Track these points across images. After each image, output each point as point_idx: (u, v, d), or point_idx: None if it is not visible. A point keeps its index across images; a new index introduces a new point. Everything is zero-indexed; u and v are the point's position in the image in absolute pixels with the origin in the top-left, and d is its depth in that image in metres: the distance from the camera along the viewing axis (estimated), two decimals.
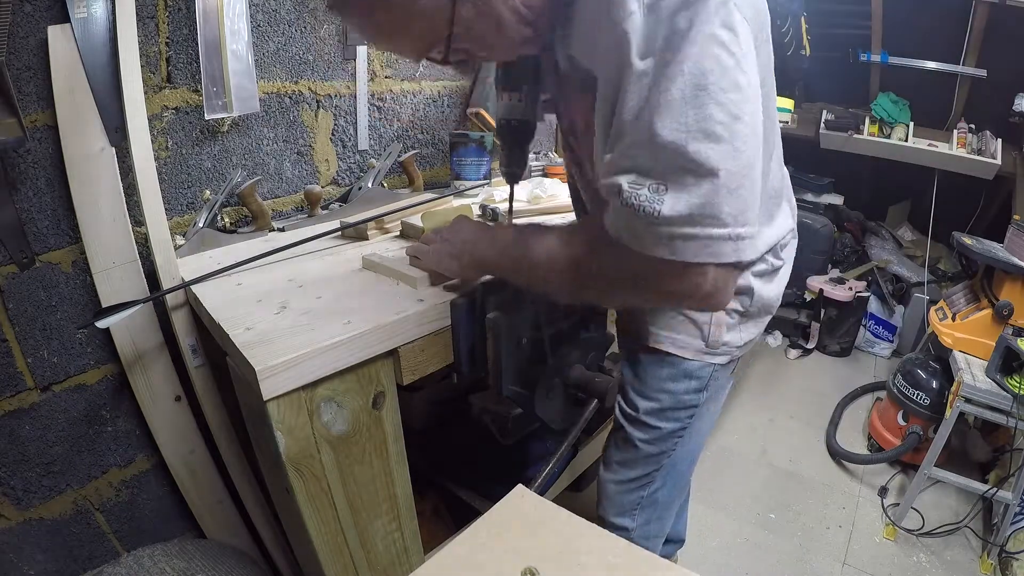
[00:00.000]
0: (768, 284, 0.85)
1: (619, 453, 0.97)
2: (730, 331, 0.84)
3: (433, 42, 0.61)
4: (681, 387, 0.87)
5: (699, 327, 0.84)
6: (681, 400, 0.88)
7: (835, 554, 1.62)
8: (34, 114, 0.90)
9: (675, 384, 0.87)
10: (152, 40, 1.02)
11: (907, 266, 2.76)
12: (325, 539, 0.79)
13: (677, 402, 0.88)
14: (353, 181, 1.43)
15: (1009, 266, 1.64)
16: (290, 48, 1.23)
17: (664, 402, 0.89)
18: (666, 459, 0.93)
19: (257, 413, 0.70)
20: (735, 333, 0.85)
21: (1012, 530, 1.52)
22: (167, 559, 0.88)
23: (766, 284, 0.84)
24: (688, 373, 0.86)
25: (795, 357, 2.74)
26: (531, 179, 1.64)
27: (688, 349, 0.85)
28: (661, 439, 0.91)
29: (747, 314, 0.84)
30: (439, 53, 0.63)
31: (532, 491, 0.54)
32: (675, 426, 0.90)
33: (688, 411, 0.89)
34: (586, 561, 0.46)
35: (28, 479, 0.98)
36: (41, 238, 0.94)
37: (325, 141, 1.36)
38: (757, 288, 0.82)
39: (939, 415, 1.73)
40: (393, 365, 0.80)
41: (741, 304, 0.83)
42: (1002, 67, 2.27)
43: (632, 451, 0.94)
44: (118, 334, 1.00)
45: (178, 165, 1.11)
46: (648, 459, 0.93)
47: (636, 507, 0.98)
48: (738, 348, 0.87)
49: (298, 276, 0.94)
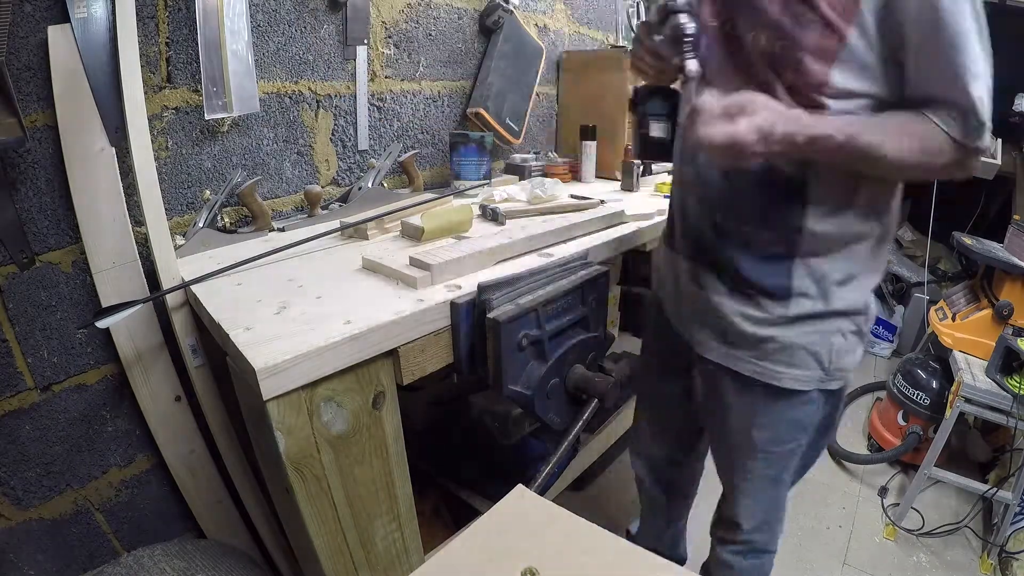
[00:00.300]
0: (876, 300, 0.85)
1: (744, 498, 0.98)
2: (847, 355, 0.83)
3: None
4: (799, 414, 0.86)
5: (819, 359, 0.81)
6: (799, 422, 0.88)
7: (835, 554, 1.62)
8: (34, 114, 0.90)
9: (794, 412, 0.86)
10: (152, 40, 1.02)
11: (907, 266, 2.76)
12: (325, 539, 0.79)
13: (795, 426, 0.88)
14: (353, 181, 1.43)
15: (1009, 266, 1.64)
16: (290, 48, 1.23)
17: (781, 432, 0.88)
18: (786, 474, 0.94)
19: (257, 413, 0.70)
20: (850, 356, 0.83)
21: (1012, 530, 1.52)
22: (167, 559, 0.88)
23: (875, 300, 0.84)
24: (808, 401, 0.85)
25: None
26: (531, 179, 1.64)
27: (809, 382, 0.83)
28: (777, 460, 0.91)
29: (860, 333, 0.83)
30: None
31: (532, 491, 0.54)
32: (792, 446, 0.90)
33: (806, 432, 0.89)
34: (586, 561, 0.46)
35: (28, 479, 0.98)
36: (41, 238, 0.94)
37: (325, 141, 1.36)
38: (872, 305, 0.82)
39: (939, 415, 1.73)
40: (393, 365, 0.80)
41: (856, 324, 0.81)
42: (1002, 67, 2.27)
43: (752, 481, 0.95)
44: (118, 334, 1.00)
45: (178, 165, 1.11)
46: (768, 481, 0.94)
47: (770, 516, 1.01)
48: (850, 371, 0.85)
49: (298, 276, 0.94)
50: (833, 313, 0.79)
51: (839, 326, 0.80)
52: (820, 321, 0.80)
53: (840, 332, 0.81)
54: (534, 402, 0.82)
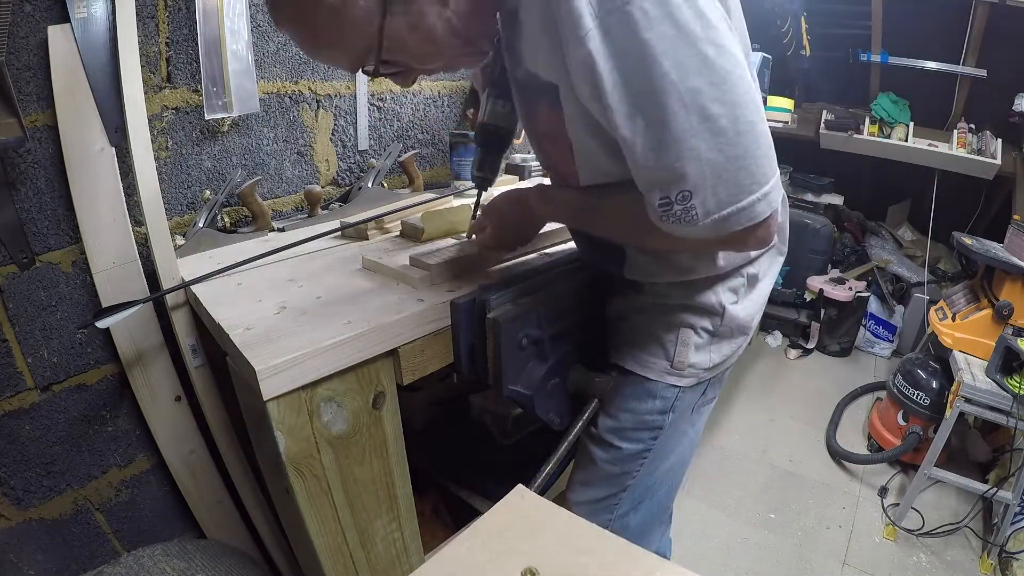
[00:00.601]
0: (742, 302, 0.80)
1: (581, 472, 0.92)
2: (698, 351, 0.80)
3: (364, 54, 0.61)
4: (643, 407, 0.83)
5: (664, 347, 0.80)
6: (643, 420, 0.84)
7: (835, 554, 1.62)
8: (34, 114, 0.90)
9: (637, 403, 0.83)
10: (152, 40, 1.02)
11: (907, 266, 2.76)
12: (325, 539, 0.79)
13: (639, 422, 0.84)
14: (353, 181, 1.43)
15: (1009, 266, 1.64)
16: (290, 48, 1.23)
17: (624, 421, 0.84)
18: (631, 480, 0.88)
19: (257, 413, 0.70)
20: (703, 354, 0.80)
21: (1012, 530, 1.52)
22: (167, 559, 0.88)
23: (740, 302, 0.80)
24: (651, 393, 0.82)
25: (795, 357, 2.74)
26: (531, 179, 1.64)
27: (652, 369, 0.81)
28: (622, 460, 0.86)
29: (717, 334, 0.79)
30: (371, 65, 0.62)
31: (532, 491, 0.54)
32: (637, 447, 0.85)
33: (651, 432, 0.84)
34: (586, 561, 0.46)
35: (28, 479, 0.98)
36: (41, 238, 0.94)
37: (325, 141, 1.36)
38: (729, 308, 0.78)
39: (939, 415, 1.73)
40: (393, 365, 0.80)
41: (711, 324, 0.79)
42: (1002, 67, 2.27)
43: (592, 469, 0.89)
44: (118, 334, 1.00)
45: (178, 165, 1.11)
46: (610, 479, 0.89)
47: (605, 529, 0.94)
48: (707, 371, 0.82)
49: (298, 276, 0.94)
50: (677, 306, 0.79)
51: (687, 319, 0.79)
52: (667, 311, 0.80)
53: (691, 327, 0.79)
54: (534, 402, 0.82)
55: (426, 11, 0.59)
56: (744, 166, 0.53)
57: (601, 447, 0.88)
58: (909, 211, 3.04)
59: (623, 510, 0.91)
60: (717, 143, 0.52)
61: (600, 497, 0.90)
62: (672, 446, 0.88)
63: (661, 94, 0.51)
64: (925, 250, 2.73)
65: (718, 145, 0.52)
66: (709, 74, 0.50)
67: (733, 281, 0.78)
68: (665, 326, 0.80)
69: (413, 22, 0.58)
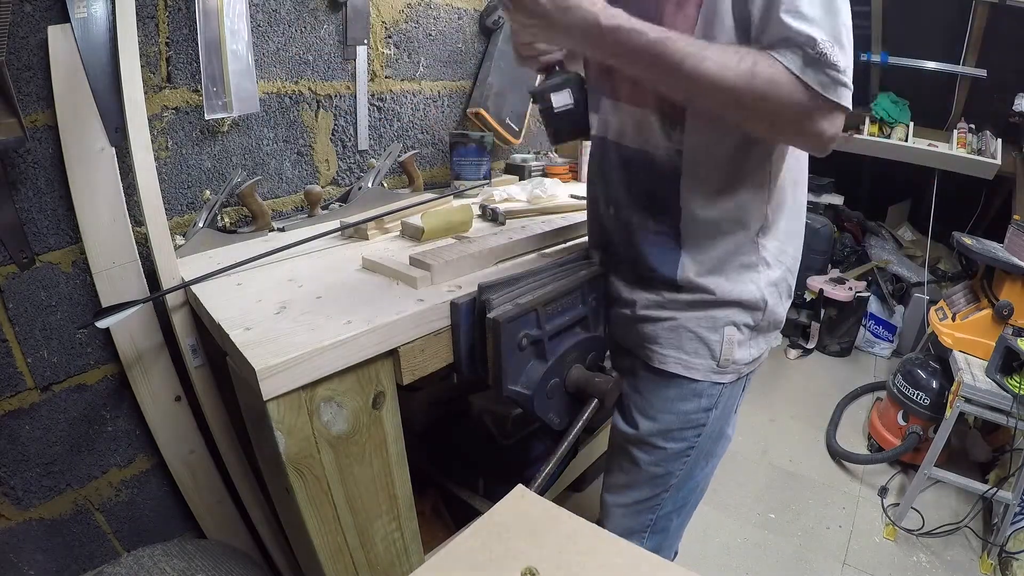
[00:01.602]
0: (781, 297, 0.83)
1: (621, 475, 0.92)
2: (741, 348, 0.81)
3: None
4: (689, 406, 0.84)
5: (709, 347, 0.81)
6: (689, 420, 0.85)
7: (835, 554, 1.62)
8: (34, 114, 0.90)
9: (683, 404, 0.84)
10: (152, 40, 1.02)
11: (907, 266, 2.76)
12: (325, 539, 0.79)
13: (685, 422, 0.85)
14: (353, 181, 1.43)
15: (1009, 266, 1.64)
16: (290, 48, 1.23)
17: (668, 422, 0.85)
18: (674, 480, 0.89)
19: (257, 413, 0.70)
20: (745, 350, 0.82)
21: (1012, 530, 1.52)
22: (167, 559, 0.88)
23: (780, 296, 0.82)
24: (697, 392, 0.83)
25: (795, 357, 2.75)
26: (531, 179, 1.64)
27: (698, 370, 0.82)
28: (667, 459, 0.87)
29: (757, 328, 0.82)
30: None
31: (532, 491, 0.54)
32: (681, 446, 0.86)
33: (695, 430, 0.85)
34: (586, 561, 0.46)
35: (28, 479, 0.98)
36: (41, 238, 0.94)
37: (325, 141, 1.36)
38: (771, 301, 0.80)
39: (939, 415, 1.73)
40: (393, 365, 0.80)
41: (752, 318, 0.80)
42: (1002, 67, 2.28)
43: (634, 472, 0.90)
44: (118, 334, 1.00)
45: (178, 165, 1.11)
46: (654, 480, 0.89)
47: (645, 531, 0.93)
48: (746, 365, 0.84)
49: (298, 276, 0.94)
50: (723, 302, 0.79)
51: (731, 316, 0.80)
52: (711, 309, 0.79)
53: (733, 323, 0.80)
54: (534, 402, 0.82)
55: None
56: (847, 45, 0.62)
57: (644, 449, 0.88)
58: (909, 211, 3.04)
59: (666, 510, 0.92)
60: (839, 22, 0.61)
61: (644, 498, 0.91)
62: (714, 446, 0.90)
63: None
64: (925, 250, 2.73)
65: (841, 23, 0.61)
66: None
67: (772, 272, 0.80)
68: (709, 324, 0.80)
69: None
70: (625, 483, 0.92)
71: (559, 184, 1.46)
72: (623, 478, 0.92)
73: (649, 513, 0.92)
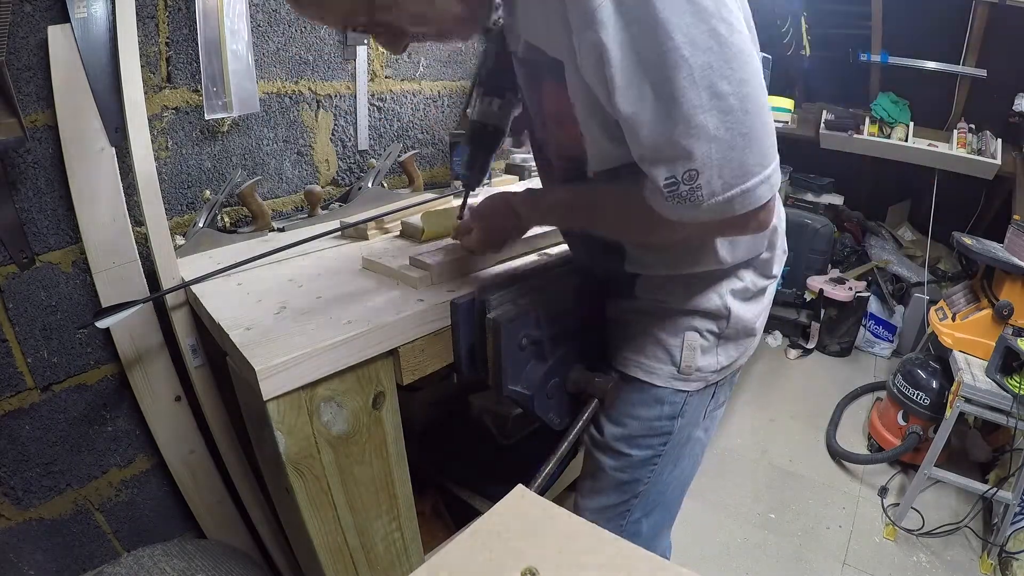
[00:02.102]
0: (748, 305, 0.79)
1: (590, 480, 0.91)
2: (705, 355, 0.78)
3: (353, 10, 0.59)
4: (651, 413, 0.81)
5: (669, 351, 0.78)
6: (652, 427, 0.82)
7: (835, 554, 1.62)
8: (34, 114, 0.90)
9: (645, 410, 0.81)
10: (152, 40, 1.02)
11: (907, 266, 2.76)
12: (325, 539, 0.79)
13: (647, 429, 0.82)
14: (353, 181, 1.43)
15: (1009, 266, 1.64)
16: (290, 48, 1.23)
17: (632, 428, 0.83)
18: (642, 487, 0.87)
19: (257, 413, 0.70)
20: (710, 357, 0.79)
21: (1012, 530, 1.52)
22: (167, 559, 0.88)
23: (746, 305, 0.78)
24: (659, 399, 0.80)
25: (795, 357, 2.74)
26: (531, 179, 1.64)
27: (658, 376, 0.79)
28: (632, 466, 0.85)
29: (723, 336, 0.78)
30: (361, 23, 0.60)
31: (532, 491, 0.54)
32: (646, 453, 0.84)
33: (660, 438, 0.83)
34: (586, 561, 0.46)
35: (28, 479, 0.98)
36: (41, 238, 0.94)
37: (325, 141, 1.36)
38: (735, 309, 0.76)
39: (939, 415, 1.73)
40: (393, 365, 0.80)
41: (716, 326, 0.77)
42: (1002, 67, 2.27)
43: (602, 477, 0.88)
44: (118, 334, 1.00)
45: (178, 165, 1.11)
46: (621, 487, 0.87)
47: None
48: (715, 373, 0.80)
49: (298, 276, 0.94)
50: (681, 311, 0.77)
51: (693, 323, 0.77)
52: (670, 313, 0.78)
53: (695, 329, 0.77)
54: (534, 402, 0.82)
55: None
56: (750, 146, 0.52)
57: (609, 455, 0.86)
58: (909, 211, 3.04)
59: (635, 516, 0.90)
60: (725, 121, 0.51)
61: (611, 504, 0.89)
62: (682, 451, 0.87)
63: (672, 68, 0.49)
64: (925, 250, 2.73)
65: (726, 123, 0.51)
66: (720, 51, 0.49)
67: (736, 282, 0.77)
68: (670, 330, 0.78)
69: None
70: (592, 488, 0.91)
71: None
72: (591, 483, 0.91)
73: (619, 519, 0.90)
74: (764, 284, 0.80)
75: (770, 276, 0.82)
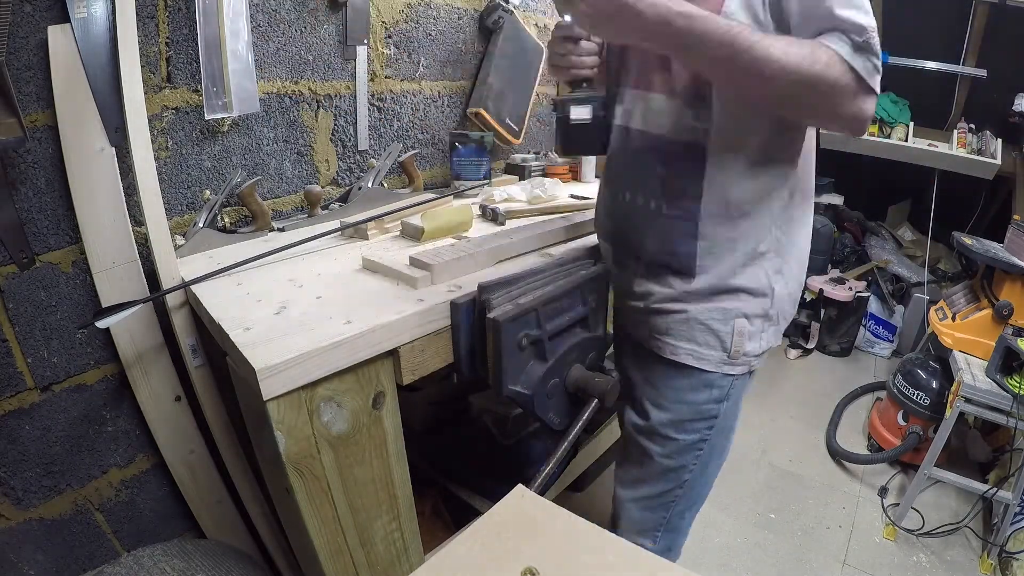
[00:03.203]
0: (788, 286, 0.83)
1: (634, 468, 0.93)
2: (751, 340, 0.82)
3: None
4: (701, 397, 0.85)
5: (720, 338, 0.81)
6: (701, 411, 0.85)
7: (835, 554, 1.62)
8: (34, 114, 0.90)
9: (695, 394, 0.84)
10: (152, 40, 1.02)
11: (907, 266, 2.76)
12: (325, 539, 0.79)
13: (696, 413, 0.85)
14: (353, 181, 1.43)
15: (1009, 266, 1.64)
16: (290, 48, 1.23)
17: (681, 413, 0.86)
18: (687, 475, 0.89)
19: (257, 413, 0.70)
20: (756, 342, 0.83)
21: (1012, 530, 1.52)
22: (167, 559, 0.88)
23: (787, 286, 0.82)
24: (708, 383, 0.84)
25: (795, 357, 2.75)
26: (531, 179, 1.64)
27: (709, 362, 0.83)
28: (680, 452, 0.88)
29: (768, 318, 0.82)
30: None
31: (532, 491, 0.54)
32: (694, 438, 0.87)
33: (707, 422, 0.86)
34: (586, 561, 0.46)
35: (28, 479, 0.98)
36: (41, 238, 0.94)
37: (325, 141, 1.36)
38: (779, 289, 0.81)
39: (939, 415, 1.73)
40: (393, 365, 0.80)
41: (761, 307, 0.81)
42: (1002, 67, 2.28)
43: (648, 464, 0.90)
44: (118, 334, 1.00)
45: (178, 165, 1.11)
46: (667, 474, 0.89)
47: (659, 528, 0.93)
48: (756, 358, 0.85)
49: (298, 276, 0.94)
50: (732, 289, 0.80)
51: (742, 308, 0.80)
52: (721, 298, 0.80)
53: (743, 314, 0.81)
54: (534, 402, 0.82)
55: None
56: None
57: (656, 441, 0.88)
58: (909, 211, 3.04)
59: (680, 508, 0.92)
60: None
61: (657, 493, 0.91)
62: (723, 441, 0.90)
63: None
64: (925, 250, 2.73)
65: None
66: None
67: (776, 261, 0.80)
68: (720, 316, 0.81)
69: None
70: (638, 477, 0.93)
71: (559, 184, 1.46)
72: (636, 471, 0.93)
73: (663, 510, 0.92)
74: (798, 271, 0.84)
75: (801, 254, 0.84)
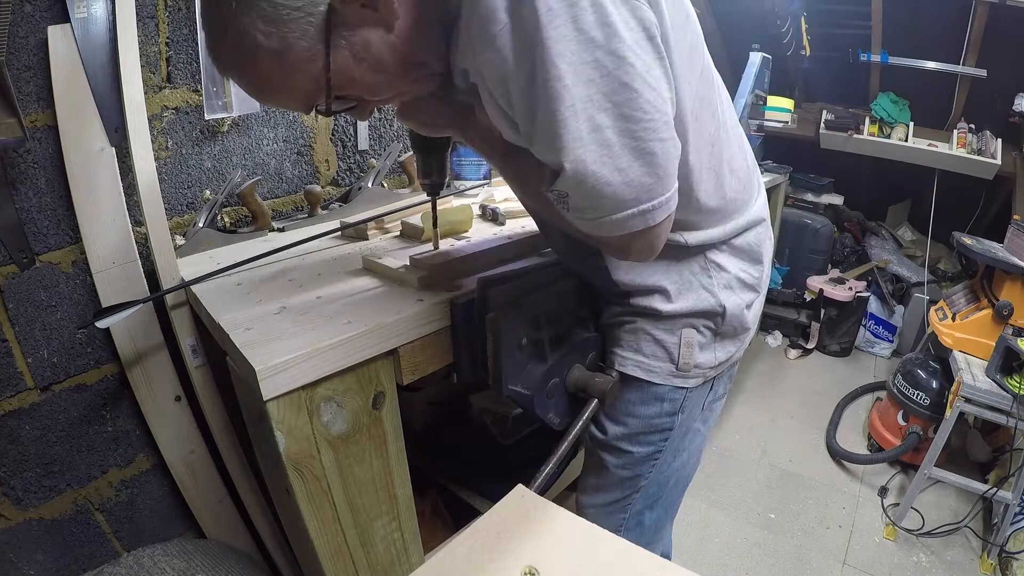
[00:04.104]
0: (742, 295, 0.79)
1: (592, 477, 0.92)
2: (703, 351, 0.79)
3: (314, 93, 0.57)
4: (651, 411, 0.82)
5: (667, 349, 0.78)
6: (652, 424, 0.83)
7: (835, 554, 1.62)
8: (34, 114, 0.90)
9: (645, 408, 0.82)
10: (152, 40, 1.02)
11: (907, 266, 2.76)
12: (325, 539, 0.79)
13: (648, 426, 0.83)
14: (353, 181, 1.43)
15: (1009, 266, 1.64)
16: None
17: (633, 426, 0.84)
18: (643, 481, 0.88)
19: (257, 413, 0.70)
20: (708, 353, 0.79)
21: (1012, 530, 1.52)
22: (167, 559, 0.88)
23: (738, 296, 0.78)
24: (658, 396, 0.81)
25: (795, 357, 2.75)
26: None
27: (657, 374, 0.80)
28: (635, 463, 0.86)
29: (720, 332, 0.79)
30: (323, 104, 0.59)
31: (532, 491, 0.54)
32: (648, 450, 0.85)
33: (661, 435, 0.84)
34: (586, 561, 0.46)
35: (28, 479, 0.98)
36: (41, 238, 0.94)
37: (325, 141, 1.36)
38: (731, 305, 0.77)
39: (939, 415, 1.73)
40: (393, 365, 0.80)
41: (713, 323, 0.78)
42: (1002, 67, 2.27)
43: (604, 475, 0.89)
44: (118, 334, 1.00)
45: (178, 165, 1.11)
46: (623, 483, 0.89)
47: (619, 529, 0.93)
48: (712, 369, 0.81)
49: (298, 276, 0.94)
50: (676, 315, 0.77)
51: (689, 320, 0.78)
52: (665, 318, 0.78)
53: (692, 326, 0.78)
54: (534, 402, 0.82)
55: (370, 40, 0.55)
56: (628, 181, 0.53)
57: (611, 453, 0.87)
58: (909, 211, 3.04)
59: (637, 508, 0.91)
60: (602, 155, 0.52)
61: (613, 500, 0.91)
62: (682, 444, 0.88)
63: (554, 98, 0.50)
64: (925, 250, 2.73)
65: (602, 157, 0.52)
66: (603, 83, 0.49)
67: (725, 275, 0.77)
68: (666, 328, 0.79)
69: (358, 53, 0.55)
70: (595, 485, 0.92)
71: None
72: (594, 480, 0.92)
73: (620, 513, 0.91)
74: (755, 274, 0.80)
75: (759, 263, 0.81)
